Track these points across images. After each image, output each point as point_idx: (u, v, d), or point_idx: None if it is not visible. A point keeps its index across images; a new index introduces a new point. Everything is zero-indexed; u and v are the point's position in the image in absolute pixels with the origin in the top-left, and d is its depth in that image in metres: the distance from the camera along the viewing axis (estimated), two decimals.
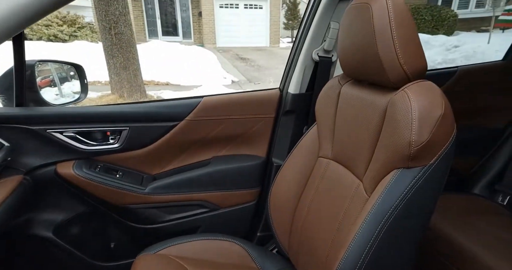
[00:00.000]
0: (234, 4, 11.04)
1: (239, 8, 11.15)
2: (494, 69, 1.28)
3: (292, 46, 1.16)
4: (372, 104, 0.70)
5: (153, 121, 1.07)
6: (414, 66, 0.64)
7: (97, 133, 1.03)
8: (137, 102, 1.15)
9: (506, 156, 1.34)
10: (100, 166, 1.05)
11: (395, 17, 0.63)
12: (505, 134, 1.34)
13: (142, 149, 1.09)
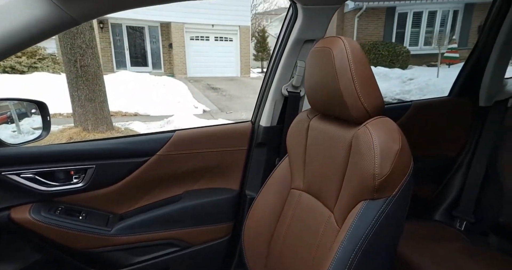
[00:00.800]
0: (205, 37, 11.51)
1: (210, 40, 11.63)
2: (442, 104, 1.45)
3: (262, 81, 1.24)
4: (338, 137, 0.76)
5: (122, 157, 1.04)
6: (373, 104, 0.72)
7: (59, 173, 0.98)
8: (105, 138, 1.12)
9: (460, 183, 1.46)
10: (61, 208, 0.98)
11: (353, 60, 0.72)
12: (457, 163, 1.48)
13: (109, 187, 1.04)
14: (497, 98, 1.36)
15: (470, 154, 1.44)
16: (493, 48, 1.29)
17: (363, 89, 0.70)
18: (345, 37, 0.78)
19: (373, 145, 0.64)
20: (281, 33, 1.15)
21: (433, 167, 1.49)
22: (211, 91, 8.73)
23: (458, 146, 1.48)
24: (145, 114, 5.98)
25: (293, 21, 1.08)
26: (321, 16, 1.04)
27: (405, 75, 7.16)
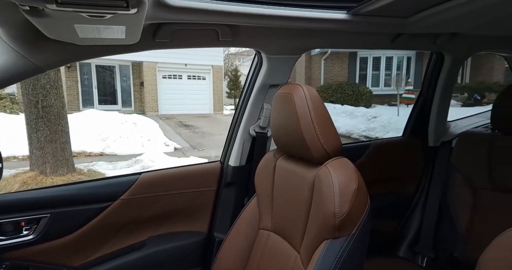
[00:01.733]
0: (178, 75, 11.82)
1: (183, 78, 11.95)
2: (397, 143, 1.59)
3: (231, 122, 1.30)
4: (302, 177, 0.81)
5: (81, 203, 1.00)
6: (332, 145, 0.80)
7: (7, 225, 0.90)
8: (62, 184, 1.07)
9: (418, 220, 1.55)
10: (6, 265, 0.89)
11: (312, 105, 0.81)
12: (415, 199, 1.59)
13: (64, 238, 0.98)
14: (443, 139, 1.54)
15: (425, 191, 1.56)
16: (435, 95, 1.49)
17: (322, 132, 0.78)
18: (305, 85, 0.89)
19: (332, 184, 0.70)
20: (248, 78, 1.25)
21: (394, 203, 1.58)
22: (183, 128, 8.71)
23: (414, 184, 1.59)
24: (112, 154, 5.75)
25: (259, 67, 1.19)
26: (284, 64, 1.16)
27: (369, 113, 7.74)
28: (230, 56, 19.61)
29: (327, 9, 0.98)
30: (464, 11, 0.89)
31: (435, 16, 0.96)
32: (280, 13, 0.89)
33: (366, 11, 0.95)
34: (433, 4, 0.91)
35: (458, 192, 1.27)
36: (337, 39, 1.13)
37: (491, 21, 1.02)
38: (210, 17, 0.82)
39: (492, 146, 1.20)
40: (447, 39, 1.23)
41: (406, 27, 1.08)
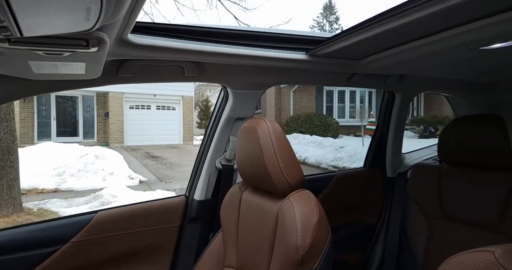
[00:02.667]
0: (146, 106, 11.65)
1: (151, 109, 11.78)
2: (359, 174, 1.68)
3: (197, 155, 1.31)
4: (267, 210, 0.82)
5: (22, 250, 0.91)
6: (295, 178, 0.83)
7: None
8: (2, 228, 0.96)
9: (381, 250, 1.59)
10: None
11: (275, 139, 0.85)
12: (377, 230, 1.64)
13: None
14: (399, 170, 1.65)
15: (386, 221, 1.62)
16: (389, 129, 1.63)
17: (285, 164, 0.81)
18: (268, 119, 0.94)
19: (295, 217, 0.72)
20: (215, 111, 1.29)
21: (358, 234, 1.62)
22: (150, 160, 8.40)
23: (376, 214, 1.66)
24: (68, 190, 5.33)
25: (225, 101, 1.24)
26: (249, 99, 1.22)
27: (336, 144, 8.08)
28: (201, 87, 19.93)
29: (288, 50, 1.07)
30: (408, 57, 1.02)
31: (383, 60, 1.09)
32: (245, 52, 0.96)
33: (322, 53, 1.05)
34: (380, 50, 1.04)
35: (414, 222, 1.31)
36: (299, 76, 1.22)
37: (432, 66, 1.18)
38: (175, 55, 0.86)
39: (441, 177, 1.27)
40: (396, 80, 1.38)
41: (359, 68, 1.20)
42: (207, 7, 4.32)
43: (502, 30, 0.75)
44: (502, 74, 1.40)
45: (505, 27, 0.73)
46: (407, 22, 0.73)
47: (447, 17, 0.74)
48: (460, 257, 0.47)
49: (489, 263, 0.42)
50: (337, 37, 0.96)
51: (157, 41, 0.80)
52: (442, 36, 0.85)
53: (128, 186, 5.31)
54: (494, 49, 0.91)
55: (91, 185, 5.38)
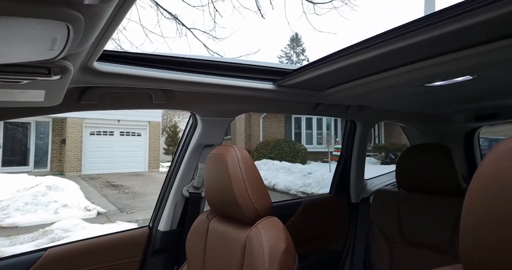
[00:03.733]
0: (108, 132, 11.10)
1: (114, 135, 11.26)
2: (325, 200, 1.72)
3: (163, 183, 1.27)
4: (235, 239, 0.82)
5: None
6: (263, 205, 0.84)
7: None
8: None
9: None
10: None
11: (244, 166, 0.87)
12: (343, 256, 1.67)
13: None
14: (362, 195, 1.72)
15: (352, 247, 1.65)
16: (352, 156, 1.72)
17: (254, 192, 0.83)
18: (237, 146, 0.96)
19: (262, 245, 0.72)
20: (183, 138, 1.29)
21: (324, 261, 1.63)
22: (111, 189, 7.88)
23: (342, 240, 1.69)
24: (12, 226, 4.76)
25: (194, 128, 1.25)
26: (218, 126, 1.24)
27: (305, 170, 8.23)
28: (169, 112, 19.65)
29: (256, 80, 1.13)
30: (366, 90, 1.13)
31: (344, 91, 1.18)
32: (214, 81, 1.00)
33: (289, 84, 1.12)
34: (341, 82, 1.14)
35: (377, 247, 1.36)
36: (267, 105, 1.28)
37: (388, 98, 1.30)
38: (143, 82, 0.87)
39: (399, 202, 1.36)
40: (356, 110, 1.49)
41: (323, 99, 1.29)
42: (176, 35, 4.42)
43: (441, 70, 0.87)
44: (445, 108, 1.58)
45: (443, 68, 0.86)
46: (366, 59, 0.82)
47: (397, 57, 0.84)
48: None
49: None
50: (302, 69, 1.03)
51: (124, 69, 0.81)
52: (394, 73, 0.96)
53: (84, 218, 4.88)
54: (436, 86, 1.05)
55: (40, 220, 4.87)
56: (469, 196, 0.45)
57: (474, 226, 0.43)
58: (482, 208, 0.42)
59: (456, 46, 0.76)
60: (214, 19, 4.38)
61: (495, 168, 0.42)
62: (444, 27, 0.63)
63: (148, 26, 4.26)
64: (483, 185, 0.43)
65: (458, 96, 1.30)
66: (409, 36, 0.68)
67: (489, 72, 0.88)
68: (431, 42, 0.70)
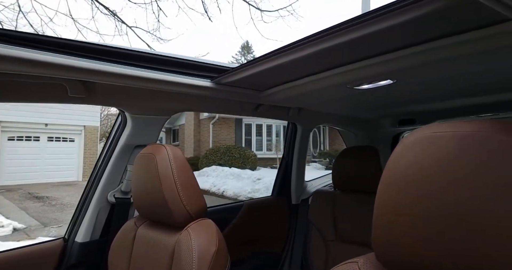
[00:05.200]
0: (33, 137, 9.82)
1: (41, 140, 9.99)
2: (267, 202, 1.74)
3: (84, 189, 1.14)
4: (163, 245, 0.77)
5: None
6: (196, 207, 0.80)
7: None
8: None
9: None
10: None
11: (176, 166, 0.82)
12: (282, 257, 1.70)
13: None
14: (302, 197, 1.78)
15: (291, 248, 1.70)
16: (293, 159, 1.77)
17: (186, 193, 0.78)
18: (169, 145, 0.90)
19: (192, 249, 0.69)
20: (110, 138, 1.18)
21: (265, 264, 1.64)
22: (33, 202, 6.96)
23: (282, 242, 1.72)
24: None
25: (122, 127, 1.15)
26: (151, 125, 1.17)
27: (254, 175, 8.32)
28: (110, 116, 18.28)
29: (193, 76, 1.08)
30: (302, 91, 1.17)
31: (282, 92, 1.21)
32: (144, 75, 0.92)
33: (227, 81, 1.11)
34: (279, 83, 1.16)
35: (314, 246, 1.42)
36: (206, 104, 1.24)
37: (323, 101, 1.37)
38: (54, 71, 0.77)
39: (335, 202, 1.44)
40: (296, 112, 1.54)
41: (263, 99, 1.31)
42: (115, 32, 4.13)
43: (366, 74, 0.95)
44: (374, 112, 1.73)
45: (368, 71, 0.93)
46: (297, 58, 0.84)
47: (328, 59, 0.89)
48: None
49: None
50: (240, 67, 1.03)
51: (29, 54, 0.70)
52: (326, 75, 1.01)
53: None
54: (364, 89, 1.13)
55: None
56: (380, 187, 0.48)
57: (382, 214, 0.46)
58: (390, 197, 0.45)
59: (378, 50, 0.83)
60: (158, 18, 4.22)
61: (401, 158, 0.46)
62: (363, 29, 0.68)
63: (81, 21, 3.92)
64: (391, 175, 0.46)
65: (384, 101, 1.43)
66: (334, 36, 0.73)
67: (406, 76, 0.98)
68: (354, 44, 0.75)
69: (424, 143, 0.43)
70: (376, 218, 0.47)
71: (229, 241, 1.43)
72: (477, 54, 0.75)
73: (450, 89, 1.17)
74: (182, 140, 13.71)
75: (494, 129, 0.38)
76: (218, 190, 7.77)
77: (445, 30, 0.70)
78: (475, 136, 0.39)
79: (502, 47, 0.71)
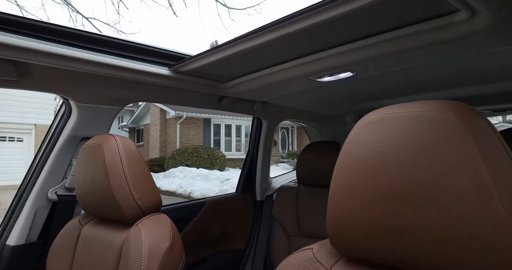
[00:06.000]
0: None
1: None
2: (231, 199, 1.70)
3: (19, 186, 1.02)
4: (110, 244, 0.71)
5: None
6: (149, 201, 0.75)
7: None
8: None
9: None
10: None
11: (126, 158, 0.76)
12: (245, 255, 1.68)
13: None
14: (267, 193, 1.78)
15: (254, 245, 1.68)
16: (258, 155, 1.76)
17: (137, 186, 0.73)
18: (119, 135, 0.83)
19: (142, 245, 0.64)
20: (51, 129, 1.07)
21: (227, 262, 1.61)
22: None
23: (246, 239, 1.70)
24: None
25: (67, 117, 1.05)
26: (102, 115, 1.08)
27: (222, 176, 8.27)
28: None
29: (149, 63, 1.02)
30: (265, 83, 1.15)
31: (244, 84, 1.19)
32: (91, 58, 0.84)
33: (185, 70, 1.06)
34: (240, 75, 1.14)
35: (278, 242, 1.42)
36: (164, 94, 1.18)
37: (288, 94, 1.36)
38: None
39: (298, 197, 1.45)
40: (261, 106, 1.53)
41: (226, 91, 1.27)
42: (69, 22, 3.87)
43: (327, 65, 0.95)
44: (337, 108, 1.77)
45: (328, 63, 0.94)
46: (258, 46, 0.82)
47: (290, 48, 0.88)
48: (288, 259, 0.54)
49: (308, 259, 0.51)
50: (199, 55, 0.99)
51: None
52: (288, 66, 1.01)
53: None
54: (326, 82, 1.14)
55: None
56: (334, 173, 0.48)
57: (335, 199, 0.46)
58: (343, 181, 0.45)
59: (337, 41, 0.84)
60: (118, 10, 4.01)
61: (355, 141, 0.46)
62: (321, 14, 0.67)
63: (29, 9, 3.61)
64: (344, 159, 0.47)
65: (347, 96, 1.46)
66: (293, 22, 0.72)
67: (365, 69, 1.00)
68: (314, 32, 0.75)
69: (376, 125, 0.44)
70: (330, 204, 0.47)
71: (190, 239, 1.39)
72: (432, 45, 0.78)
73: (410, 83, 1.22)
74: (147, 140, 13.22)
75: (443, 108, 0.39)
76: (185, 191, 7.60)
77: (401, 21, 0.72)
78: (425, 116, 0.39)
79: (455, 39, 0.73)
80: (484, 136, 0.37)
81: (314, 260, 0.50)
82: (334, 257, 0.49)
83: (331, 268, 0.48)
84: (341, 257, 0.49)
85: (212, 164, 10.40)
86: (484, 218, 0.34)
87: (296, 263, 0.51)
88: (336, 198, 0.46)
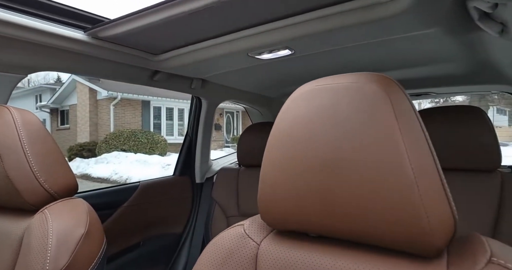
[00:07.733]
0: None
1: None
2: (167, 182, 1.63)
3: None
4: (5, 236, 0.61)
5: None
6: (60, 183, 0.66)
7: None
8: None
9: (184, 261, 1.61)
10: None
11: (26, 133, 0.63)
12: (183, 239, 1.65)
13: None
14: (207, 175, 1.75)
15: (192, 228, 1.67)
16: (198, 137, 1.70)
17: (44, 167, 0.64)
18: (18, 108, 0.70)
19: (47, 234, 0.57)
20: None
21: (163, 247, 1.56)
22: None
23: (183, 222, 1.67)
24: None
25: None
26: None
27: (164, 161, 7.98)
28: None
29: (57, 23, 0.88)
30: (201, 58, 1.08)
31: (180, 58, 1.10)
32: None
33: (106, 35, 0.93)
34: (175, 47, 1.05)
35: (216, 223, 1.43)
36: (80, 63, 1.03)
37: (227, 72, 1.31)
38: None
39: (238, 179, 1.47)
40: (200, 85, 1.45)
41: (160, 65, 1.17)
42: None
43: (266, 41, 0.94)
44: (279, 90, 1.78)
45: (267, 38, 0.92)
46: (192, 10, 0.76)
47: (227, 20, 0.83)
48: (219, 236, 0.54)
49: (238, 234, 0.52)
50: (121, 18, 0.87)
51: None
52: (226, 39, 0.97)
53: None
54: (266, 60, 1.12)
55: None
56: (266, 147, 0.48)
57: (266, 174, 0.47)
58: (274, 155, 0.46)
59: (275, 14, 0.83)
60: None
61: (287, 114, 0.46)
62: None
63: None
64: (276, 133, 0.47)
65: (286, 76, 1.47)
66: None
67: (303, 47, 1.00)
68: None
69: (307, 96, 0.45)
70: (261, 180, 0.47)
71: (119, 226, 1.29)
72: (358, 25, 0.80)
73: (345, 65, 1.26)
74: (74, 123, 12.00)
75: (368, 80, 0.41)
76: (121, 178, 7.18)
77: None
78: (352, 87, 0.41)
79: (378, 19, 0.76)
80: (401, 107, 0.39)
81: (244, 236, 0.51)
82: (264, 231, 0.51)
83: (260, 242, 0.49)
84: (271, 230, 0.51)
85: (152, 149, 9.94)
86: (400, 184, 0.37)
87: (226, 239, 0.51)
88: (267, 172, 0.46)
